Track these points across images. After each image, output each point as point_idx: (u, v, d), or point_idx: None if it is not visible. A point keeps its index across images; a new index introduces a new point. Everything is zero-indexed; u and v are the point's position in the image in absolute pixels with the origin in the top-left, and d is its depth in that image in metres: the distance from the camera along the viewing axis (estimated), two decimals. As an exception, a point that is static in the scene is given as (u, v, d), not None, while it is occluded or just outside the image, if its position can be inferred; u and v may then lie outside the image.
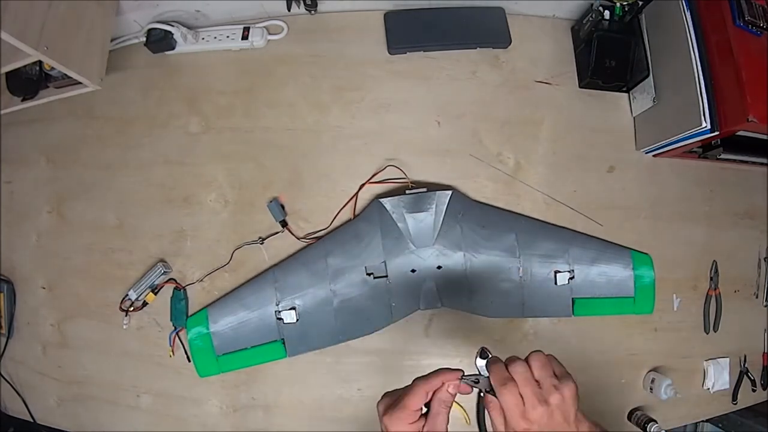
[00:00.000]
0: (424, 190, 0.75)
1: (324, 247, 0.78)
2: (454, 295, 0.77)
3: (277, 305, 0.77)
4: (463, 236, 0.76)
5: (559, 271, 0.78)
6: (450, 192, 0.75)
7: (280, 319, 0.76)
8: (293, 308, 0.76)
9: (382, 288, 0.76)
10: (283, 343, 0.77)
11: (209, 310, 0.78)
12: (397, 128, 0.83)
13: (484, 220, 0.78)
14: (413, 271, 0.76)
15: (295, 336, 0.77)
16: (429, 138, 0.83)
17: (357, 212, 0.80)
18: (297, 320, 0.76)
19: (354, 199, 0.81)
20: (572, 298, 0.79)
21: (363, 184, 0.81)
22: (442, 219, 0.74)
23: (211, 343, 0.77)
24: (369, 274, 0.76)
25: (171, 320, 0.80)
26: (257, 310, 0.77)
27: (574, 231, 0.82)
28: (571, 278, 0.78)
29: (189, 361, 0.79)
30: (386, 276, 0.76)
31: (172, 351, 0.80)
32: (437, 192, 0.75)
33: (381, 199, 0.75)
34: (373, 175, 0.81)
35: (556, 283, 0.78)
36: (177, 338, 0.80)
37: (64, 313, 0.85)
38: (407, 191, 0.76)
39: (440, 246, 0.76)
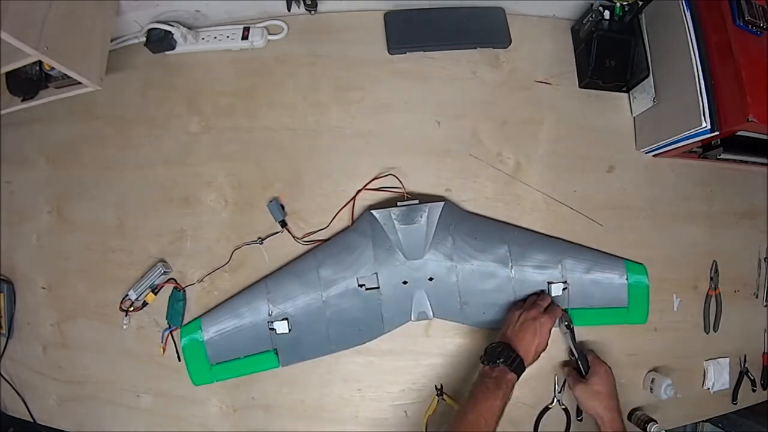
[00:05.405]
0: (416, 201, 0.75)
1: (316, 258, 0.78)
2: (445, 307, 0.77)
3: (270, 315, 0.77)
4: (455, 247, 0.76)
5: (552, 282, 0.78)
6: (442, 203, 0.74)
7: (273, 329, 0.76)
8: (285, 319, 0.76)
9: (374, 299, 0.76)
10: (276, 353, 0.77)
11: (202, 320, 0.78)
12: (397, 128, 0.83)
13: (476, 231, 0.78)
14: (405, 282, 0.76)
15: (288, 346, 0.77)
16: (429, 138, 0.83)
17: (355, 216, 0.80)
18: (289, 330, 0.76)
19: (351, 204, 0.81)
20: (565, 309, 0.78)
21: (359, 190, 0.81)
22: (433, 230, 0.74)
23: (205, 352, 0.78)
24: (361, 286, 0.76)
25: (166, 318, 0.80)
26: (250, 320, 0.77)
27: (568, 241, 0.81)
28: (564, 289, 0.78)
29: (179, 360, 0.79)
30: (378, 287, 0.76)
31: (164, 349, 0.80)
32: (429, 204, 0.74)
33: (372, 211, 0.74)
34: (370, 182, 0.81)
35: (549, 294, 0.77)
36: (170, 337, 0.80)
37: (64, 313, 0.85)
38: (399, 203, 0.75)
39: (432, 257, 0.75)
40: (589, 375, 0.74)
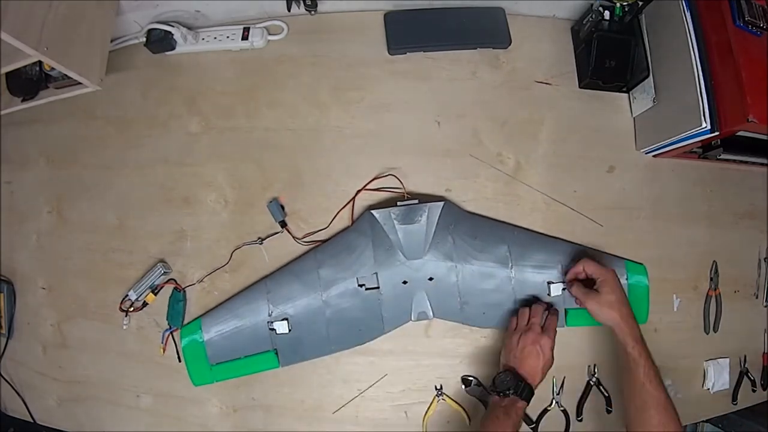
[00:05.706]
0: (416, 201, 0.75)
1: (316, 258, 0.78)
2: (445, 307, 0.77)
3: (270, 315, 0.77)
4: (455, 247, 0.76)
5: (552, 282, 0.77)
6: (442, 203, 0.74)
7: (273, 329, 0.76)
8: (285, 319, 0.76)
9: (374, 299, 0.76)
10: (276, 353, 0.77)
11: (203, 320, 0.78)
12: (397, 128, 0.83)
13: (476, 231, 0.78)
14: (405, 282, 0.76)
15: (288, 346, 0.77)
16: (429, 138, 0.83)
17: (355, 216, 0.80)
18: (289, 331, 0.76)
19: (351, 204, 0.81)
20: (565, 309, 0.78)
21: (359, 190, 0.81)
22: (433, 230, 0.74)
23: (205, 353, 0.77)
24: (361, 286, 0.76)
25: (167, 319, 0.80)
26: (250, 321, 0.77)
27: (568, 241, 0.81)
28: (564, 289, 0.78)
29: (180, 361, 0.79)
30: (378, 287, 0.76)
31: (164, 349, 0.80)
32: (429, 203, 0.74)
33: (372, 211, 0.74)
34: (369, 182, 0.81)
35: (549, 294, 0.78)
36: (171, 337, 0.80)
37: (64, 314, 0.85)
38: (399, 203, 0.75)
39: (432, 257, 0.75)
40: (598, 285, 0.71)
